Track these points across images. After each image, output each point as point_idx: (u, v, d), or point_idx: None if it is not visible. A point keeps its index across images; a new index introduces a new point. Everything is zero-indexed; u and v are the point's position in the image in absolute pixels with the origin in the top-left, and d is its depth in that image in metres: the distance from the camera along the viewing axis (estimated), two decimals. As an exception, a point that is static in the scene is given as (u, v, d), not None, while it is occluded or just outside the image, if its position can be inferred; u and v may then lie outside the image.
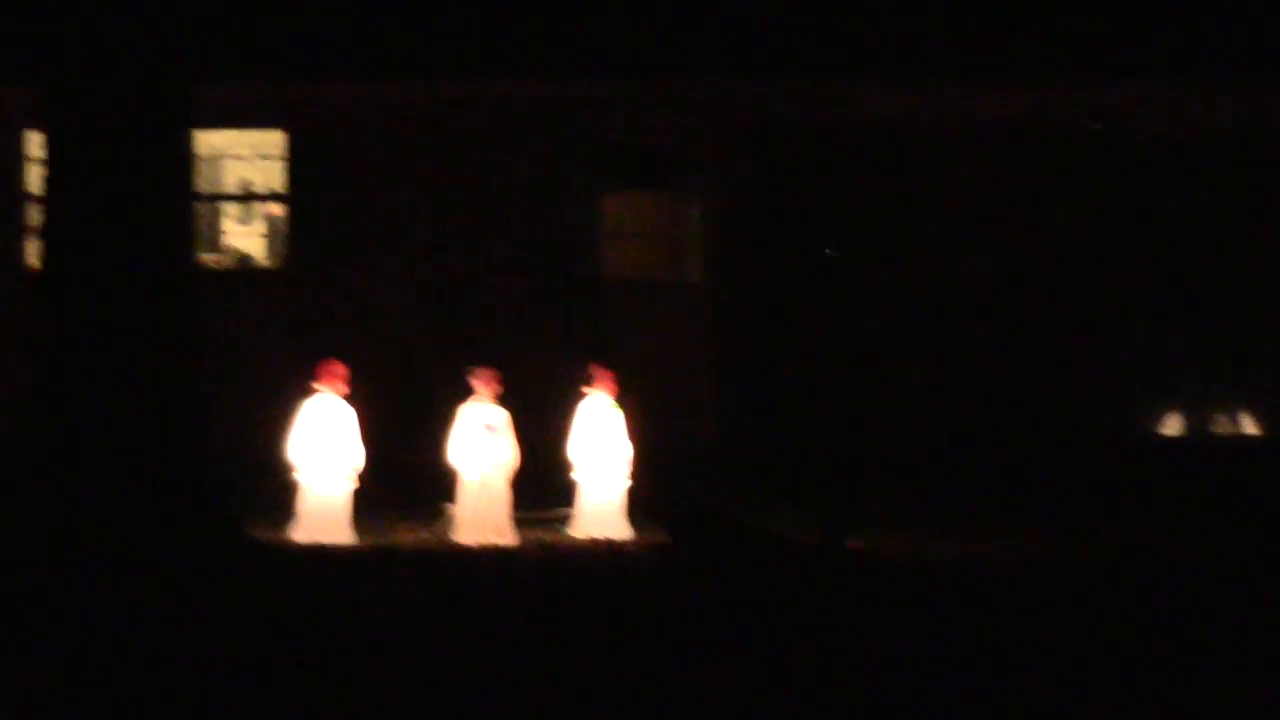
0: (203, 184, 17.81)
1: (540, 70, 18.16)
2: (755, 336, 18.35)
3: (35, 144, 18.08)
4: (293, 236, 18.77)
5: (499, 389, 14.90)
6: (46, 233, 13.63)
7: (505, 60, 18.11)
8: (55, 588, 11.73)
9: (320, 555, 13.85)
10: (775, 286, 18.32)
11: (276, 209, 19.26)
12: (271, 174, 18.91)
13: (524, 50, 18.14)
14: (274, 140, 18.69)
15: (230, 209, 19.67)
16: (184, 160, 13.67)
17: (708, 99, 18.49)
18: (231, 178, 19.38)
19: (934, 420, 18.24)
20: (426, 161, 18.42)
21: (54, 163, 13.49)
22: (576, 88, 18.34)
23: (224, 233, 19.55)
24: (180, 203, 13.62)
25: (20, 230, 18.58)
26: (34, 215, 18.14)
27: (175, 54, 13.33)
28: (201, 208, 17.41)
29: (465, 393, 14.99)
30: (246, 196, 19.55)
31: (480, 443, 14.74)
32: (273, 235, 19.53)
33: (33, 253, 18.14)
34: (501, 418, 14.86)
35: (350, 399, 14.84)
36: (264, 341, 17.97)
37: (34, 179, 18.18)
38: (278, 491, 14.83)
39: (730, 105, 18.52)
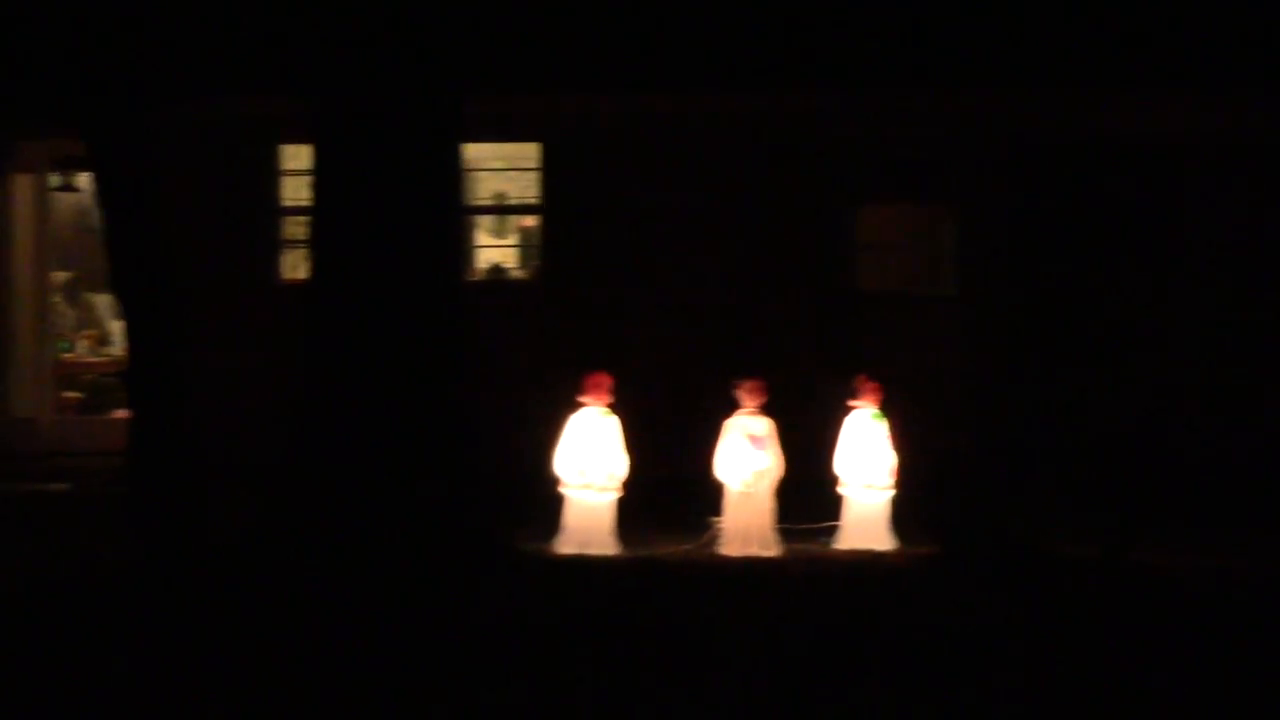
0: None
1: (796, 82, 18.10)
2: (1013, 348, 18.16)
3: (289, 157, 18.34)
4: (546, 248, 18.85)
5: (764, 399, 14.83)
6: (315, 246, 13.70)
7: (761, 72, 18.08)
8: (326, 600, 11.84)
9: (585, 566, 13.89)
10: (1034, 298, 18.12)
11: (531, 221, 19.39)
12: (526, 186, 19.02)
13: (780, 62, 18.11)
14: (528, 152, 18.78)
15: (484, 221, 19.85)
16: (456, 174, 13.72)
17: (967, 110, 18.34)
18: (485, 190, 19.52)
19: (1200, 433, 17.97)
20: (681, 173, 18.42)
21: (323, 176, 13.57)
22: (833, 99, 18.26)
23: (478, 245, 19.73)
24: (452, 217, 13.68)
25: (275, 244, 18.78)
26: (289, 229, 18.39)
27: (449, 67, 13.40)
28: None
29: (729, 405, 14.95)
30: (501, 208, 19.69)
31: (745, 454, 14.69)
32: (526, 247, 19.67)
33: (288, 267, 18.41)
34: (766, 428, 14.80)
35: (613, 410, 14.87)
36: (517, 352, 18.07)
37: (288, 192, 18.43)
38: (538, 503, 14.88)
39: (991, 116, 18.36)
